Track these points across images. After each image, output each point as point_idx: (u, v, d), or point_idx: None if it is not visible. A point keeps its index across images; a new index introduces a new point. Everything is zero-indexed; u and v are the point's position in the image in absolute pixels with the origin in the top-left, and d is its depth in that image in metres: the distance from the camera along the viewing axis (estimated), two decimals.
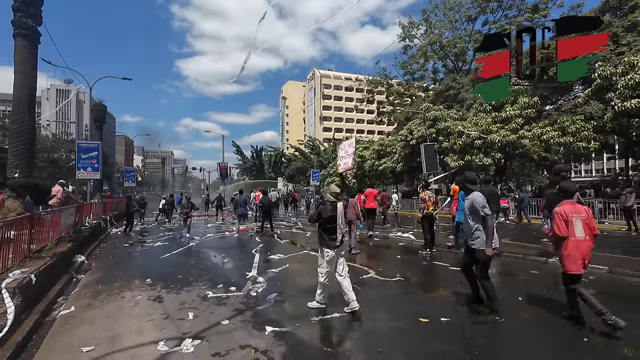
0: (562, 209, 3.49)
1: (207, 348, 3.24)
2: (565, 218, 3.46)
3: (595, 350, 3.10)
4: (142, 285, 5.57)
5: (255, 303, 4.45)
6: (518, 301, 4.35)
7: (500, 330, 3.53)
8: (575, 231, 3.41)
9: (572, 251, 3.39)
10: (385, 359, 2.96)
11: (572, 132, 13.58)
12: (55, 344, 3.53)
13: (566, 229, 3.41)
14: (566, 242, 3.42)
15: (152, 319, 4.07)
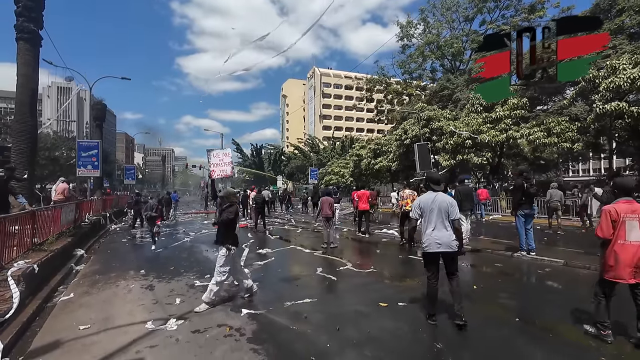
0: (614, 207, 3.04)
1: (189, 326, 3.70)
2: (615, 217, 3.02)
3: (524, 328, 3.54)
4: (136, 275, 6.04)
5: (237, 290, 4.91)
6: (473, 289, 4.80)
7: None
8: (628, 234, 2.95)
9: (614, 257, 3.00)
10: (340, 334, 3.41)
11: (557, 132, 13.99)
12: (56, 324, 3.99)
13: (611, 230, 3.01)
14: (611, 245, 3.02)
15: (142, 303, 4.54)
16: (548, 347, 3.10)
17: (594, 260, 5.43)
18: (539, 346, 3.11)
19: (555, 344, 3.16)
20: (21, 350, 3.31)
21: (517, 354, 3.01)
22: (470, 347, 3.16)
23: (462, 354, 3.03)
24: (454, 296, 3.56)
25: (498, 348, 3.13)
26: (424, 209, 3.68)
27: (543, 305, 4.25)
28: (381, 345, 3.19)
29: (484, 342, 3.24)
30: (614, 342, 3.10)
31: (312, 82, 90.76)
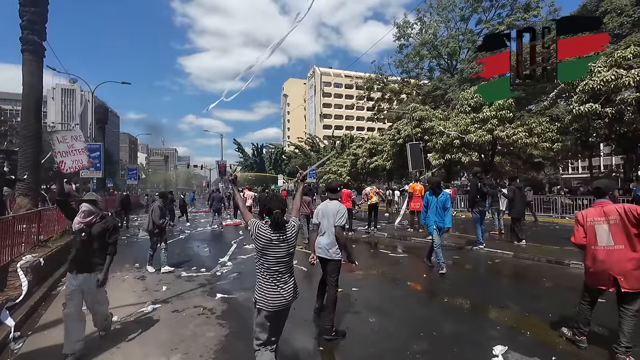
0: (582, 213, 2.99)
1: (170, 307, 4.38)
2: (581, 222, 2.95)
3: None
4: (131, 268, 6.73)
5: (217, 280, 5.58)
6: (423, 277, 5.44)
7: (391, 294, 4.63)
8: (599, 238, 2.83)
9: (590, 262, 2.90)
10: (294, 312, 4.06)
11: (537, 133, 14.50)
12: (58, 306, 4.65)
13: (583, 235, 2.93)
14: (587, 251, 2.93)
15: (134, 291, 5.23)
16: (463, 323, 3.73)
17: (539, 252, 6.03)
18: (454, 321, 3.75)
19: (475, 322, 3.79)
20: (30, 327, 3.99)
21: (435, 326, 3.64)
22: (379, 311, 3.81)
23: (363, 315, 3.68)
24: (329, 306, 3.50)
25: (412, 317, 3.76)
26: (320, 216, 3.69)
27: (480, 289, 4.88)
28: (313, 320, 3.85)
29: (401, 315, 3.88)
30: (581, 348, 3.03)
31: (312, 81, 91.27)
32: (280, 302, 2.38)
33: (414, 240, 8.93)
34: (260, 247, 2.36)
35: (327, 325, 3.38)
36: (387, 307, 4.24)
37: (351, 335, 3.46)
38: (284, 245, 2.39)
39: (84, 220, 3.16)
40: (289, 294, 2.43)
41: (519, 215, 7.54)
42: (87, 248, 3.15)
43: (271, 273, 2.39)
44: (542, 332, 3.38)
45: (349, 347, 3.23)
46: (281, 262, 2.39)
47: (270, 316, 2.37)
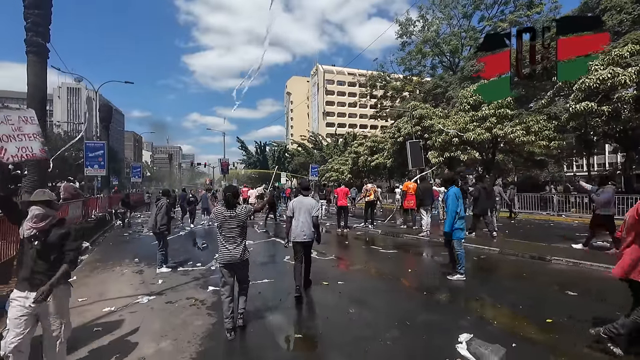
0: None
1: (164, 299, 4.63)
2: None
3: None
4: (130, 263, 7.01)
5: (211, 274, 5.83)
6: (408, 272, 5.64)
7: (375, 287, 4.83)
8: None
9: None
10: (281, 303, 4.30)
11: (535, 131, 14.54)
12: None
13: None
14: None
15: (131, 284, 5.49)
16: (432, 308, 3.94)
17: (525, 248, 6.18)
18: (429, 312, 3.95)
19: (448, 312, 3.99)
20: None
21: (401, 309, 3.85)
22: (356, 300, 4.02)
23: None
24: (305, 274, 4.71)
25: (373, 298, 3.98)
26: (294, 209, 4.58)
27: (459, 283, 5.07)
28: (297, 311, 4.07)
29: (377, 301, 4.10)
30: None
31: (315, 79, 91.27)
32: (228, 258, 3.53)
33: (406, 237, 9.11)
34: (219, 222, 3.57)
35: (304, 283, 4.68)
36: (368, 300, 4.45)
37: (330, 324, 3.67)
38: (234, 221, 3.54)
39: (37, 225, 2.50)
40: (235, 253, 3.52)
41: (481, 212, 8.16)
42: (43, 260, 2.47)
43: (225, 238, 3.54)
44: (508, 322, 3.58)
45: (327, 334, 3.44)
46: (232, 231, 3.53)
47: (223, 267, 3.58)
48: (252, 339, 3.40)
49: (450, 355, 2.87)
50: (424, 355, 2.94)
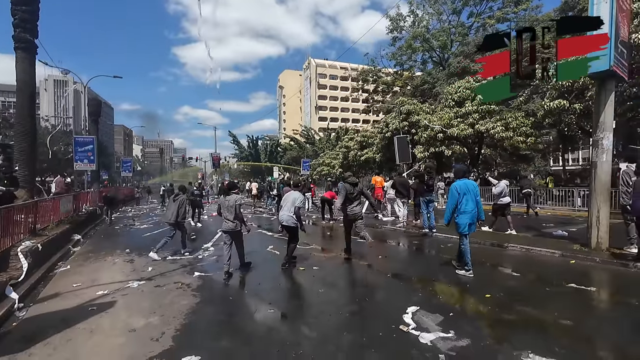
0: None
1: (153, 283, 5.08)
2: None
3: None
4: (122, 253, 7.41)
5: (198, 262, 6.28)
6: (379, 258, 6.18)
7: (346, 272, 5.36)
8: None
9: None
10: (258, 286, 4.78)
11: (513, 127, 15.19)
12: (56, 284, 5.36)
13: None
14: None
15: (123, 271, 5.92)
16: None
17: (489, 236, 6.77)
18: (388, 291, 4.48)
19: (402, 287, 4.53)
20: (32, 299, 4.67)
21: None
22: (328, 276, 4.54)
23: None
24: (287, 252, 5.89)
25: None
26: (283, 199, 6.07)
27: (422, 267, 5.62)
28: (273, 292, 4.57)
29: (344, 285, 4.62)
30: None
31: (307, 73, 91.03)
32: (225, 227, 5.53)
33: (385, 227, 9.67)
34: (220, 204, 5.63)
35: (287, 260, 5.79)
36: (337, 282, 4.97)
37: (301, 301, 4.18)
38: (226, 204, 5.51)
39: None
40: (230, 224, 5.48)
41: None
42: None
43: (224, 215, 5.51)
44: (452, 298, 4.15)
45: (297, 309, 3.95)
46: (225, 211, 5.49)
47: (223, 232, 5.60)
48: (230, 313, 3.88)
49: (396, 322, 3.39)
50: (374, 323, 3.45)
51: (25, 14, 11.20)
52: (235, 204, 5.42)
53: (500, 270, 5.35)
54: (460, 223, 4.91)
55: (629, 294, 4.18)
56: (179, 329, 3.47)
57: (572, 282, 4.43)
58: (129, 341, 3.26)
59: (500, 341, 3.01)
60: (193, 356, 2.87)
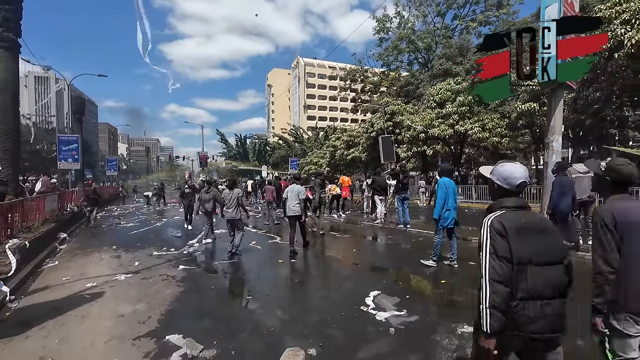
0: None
1: (139, 276, 5.41)
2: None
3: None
4: (109, 250, 7.66)
5: (183, 257, 6.61)
6: (353, 252, 6.66)
7: (321, 263, 5.80)
8: None
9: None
10: (239, 277, 5.18)
11: (489, 128, 15.97)
12: (46, 278, 5.62)
13: None
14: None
15: (110, 266, 6.20)
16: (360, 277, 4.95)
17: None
18: (355, 279, 4.95)
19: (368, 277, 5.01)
20: (23, 292, 4.94)
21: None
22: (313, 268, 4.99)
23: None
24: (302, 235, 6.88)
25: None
26: (288, 192, 6.77)
27: (390, 259, 6.12)
28: (252, 282, 4.98)
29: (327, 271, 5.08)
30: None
31: (296, 72, 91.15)
32: (227, 216, 6.74)
33: (364, 224, 10.21)
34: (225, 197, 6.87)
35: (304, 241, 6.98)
36: (312, 272, 5.43)
37: (276, 289, 4.60)
38: (229, 197, 6.69)
39: None
40: (232, 212, 6.62)
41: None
42: None
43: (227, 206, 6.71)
44: (412, 284, 4.64)
45: (272, 296, 4.36)
46: (229, 202, 6.68)
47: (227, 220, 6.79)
48: (211, 300, 4.27)
49: (359, 304, 3.85)
50: (339, 305, 3.90)
51: (8, 12, 11.20)
52: (237, 196, 6.67)
53: (464, 261, 5.88)
54: (448, 217, 5.28)
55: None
56: (164, 314, 3.84)
57: None
58: (118, 324, 3.61)
59: (444, 317, 3.51)
60: (176, 334, 3.25)
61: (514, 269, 1.52)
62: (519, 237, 1.54)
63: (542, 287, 1.52)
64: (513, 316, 1.52)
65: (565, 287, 1.57)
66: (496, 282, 1.51)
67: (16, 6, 11.48)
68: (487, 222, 1.62)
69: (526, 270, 1.52)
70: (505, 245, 1.54)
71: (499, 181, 1.72)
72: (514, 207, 1.65)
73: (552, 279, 1.54)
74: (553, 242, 1.60)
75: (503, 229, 1.56)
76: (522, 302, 1.51)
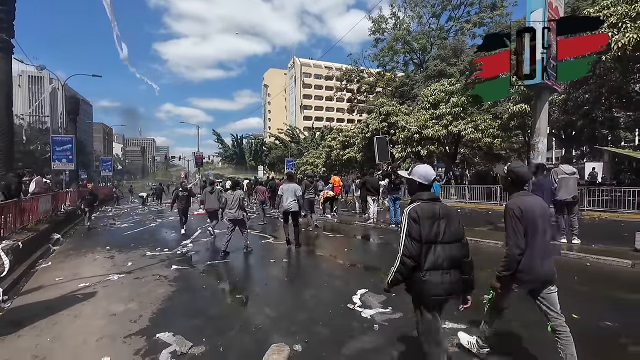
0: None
1: (132, 276, 5.47)
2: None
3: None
4: (102, 250, 7.70)
5: (176, 257, 6.68)
6: (344, 251, 6.77)
7: (311, 262, 5.91)
8: None
9: None
10: (231, 277, 5.26)
11: (481, 129, 16.16)
12: (39, 278, 5.66)
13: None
14: None
15: (103, 266, 6.26)
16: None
17: None
18: (345, 277, 5.07)
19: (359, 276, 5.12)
20: (15, 292, 4.98)
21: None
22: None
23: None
24: (294, 235, 7.11)
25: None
26: (284, 190, 7.16)
27: (380, 258, 6.24)
28: (243, 281, 5.07)
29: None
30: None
31: (292, 72, 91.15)
32: (229, 216, 6.80)
33: (357, 224, 10.33)
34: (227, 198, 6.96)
35: (296, 241, 7.07)
36: (302, 271, 5.54)
37: (267, 288, 4.70)
38: (231, 197, 6.79)
39: None
40: (234, 212, 6.71)
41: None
42: None
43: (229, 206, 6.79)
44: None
45: (262, 294, 4.45)
46: (231, 203, 6.74)
47: (228, 220, 6.87)
48: (202, 299, 4.35)
49: (346, 302, 3.96)
50: (327, 303, 4.00)
51: (2, 13, 11.20)
52: (239, 197, 6.80)
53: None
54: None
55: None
56: (155, 312, 3.92)
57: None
58: (110, 323, 3.69)
59: None
60: (166, 332, 3.34)
61: (423, 247, 2.01)
62: (428, 223, 2.03)
63: (442, 261, 2.02)
64: (422, 283, 2.03)
65: (461, 261, 2.08)
66: (406, 256, 2.02)
67: (9, 7, 11.47)
68: (406, 211, 2.09)
69: (432, 248, 2.02)
70: (417, 229, 2.02)
71: (419, 179, 2.18)
72: (428, 199, 2.13)
73: (451, 255, 2.04)
74: (454, 226, 2.09)
75: (417, 217, 2.03)
76: (428, 271, 2.02)
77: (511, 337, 3.07)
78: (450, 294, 2.07)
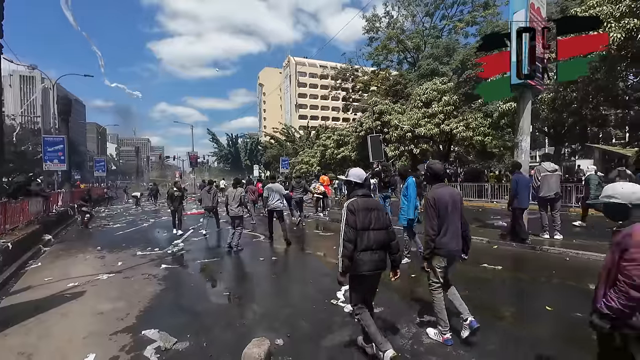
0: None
1: (122, 275, 5.53)
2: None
3: None
4: (93, 250, 7.72)
5: (166, 256, 6.74)
6: (333, 249, 6.87)
7: (300, 261, 6.00)
8: None
9: None
10: (219, 275, 5.34)
11: (473, 127, 16.35)
12: (28, 279, 5.69)
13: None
14: None
15: (93, 266, 6.29)
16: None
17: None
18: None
19: None
20: (4, 293, 5.01)
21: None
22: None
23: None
24: (283, 232, 7.38)
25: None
26: (269, 191, 7.48)
27: None
28: (231, 279, 5.15)
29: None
30: None
31: (287, 71, 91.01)
32: (231, 214, 7.13)
33: None
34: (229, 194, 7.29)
35: (286, 239, 7.29)
36: (289, 269, 5.65)
37: (256, 285, 4.78)
38: (233, 195, 7.17)
39: None
40: (234, 211, 7.07)
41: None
42: None
43: (230, 204, 7.12)
44: (383, 278, 4.84)
45: (250, 291, 4.55)
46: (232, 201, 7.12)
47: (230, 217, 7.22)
48: (189, 297, 4.43)
49: (329, 298, 4.06)
50: (311, 299, 4.11)
51: None
52: (240, 195, 7.17)
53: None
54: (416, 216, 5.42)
55: (528, 270, 5.05)
56: (142, 310, 3.99)
57: (485, 263, 5.28)
58: (97, 321, 3.75)
59: (408, 308, 3.74)
60: (152, 329, 3.41)
61: (358, 233, 2.50)
62: (363, 214, 2.54)
63: (372, 243, 2.54)
64: (357, 262, 2.51)
65: (388, 244, 2.62)
66: (346, 241, 2.50)
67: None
68: (345, 205, 2.60)
69: (364, 233, 2.52)
70: (353, 219, 2.52)
71: (356, 179, 2.71)
72: (362, 195, 2.67)
73: (379, 239, 2.57)
74: (382, 216, 2.63)
75: (354, 209, 2.54)
76: (361, 252, 2.52)
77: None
78: (378, 268, 2.59)
